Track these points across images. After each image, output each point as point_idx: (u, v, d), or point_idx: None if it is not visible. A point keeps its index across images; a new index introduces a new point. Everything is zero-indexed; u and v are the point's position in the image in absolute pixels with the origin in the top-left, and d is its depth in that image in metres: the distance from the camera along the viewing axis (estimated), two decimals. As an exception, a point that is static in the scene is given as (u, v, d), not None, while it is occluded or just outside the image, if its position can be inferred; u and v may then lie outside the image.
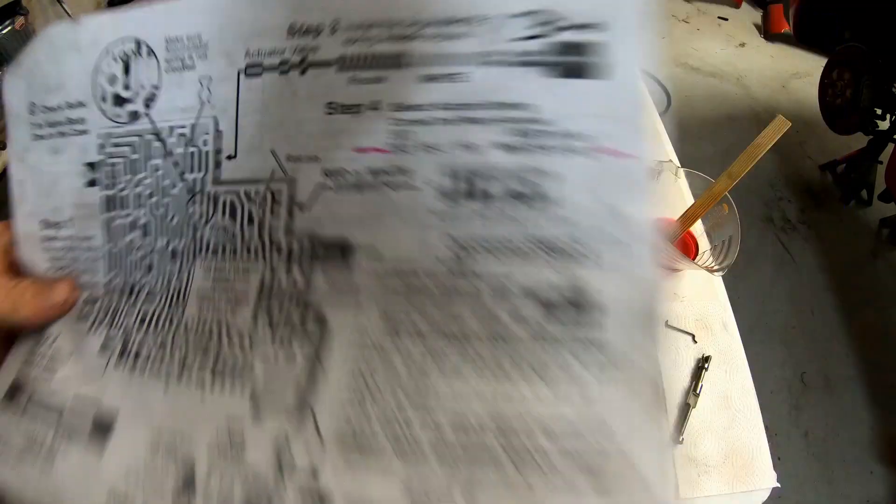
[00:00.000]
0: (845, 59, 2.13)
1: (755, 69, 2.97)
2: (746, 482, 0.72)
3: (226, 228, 0.24)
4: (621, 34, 0.20)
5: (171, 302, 0.25)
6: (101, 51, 0.26)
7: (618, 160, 0.19)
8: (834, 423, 1.57)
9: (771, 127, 0.86)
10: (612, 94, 0.19)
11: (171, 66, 0.25)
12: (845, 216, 2.18)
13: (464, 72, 0.20)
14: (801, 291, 1.90)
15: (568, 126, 0.19)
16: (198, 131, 0.25)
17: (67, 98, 0.27)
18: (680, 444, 0.74)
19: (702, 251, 0.97)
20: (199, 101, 0.25)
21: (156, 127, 0.26)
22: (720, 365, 0.82)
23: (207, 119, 0.25)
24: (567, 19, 0.20)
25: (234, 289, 0.24)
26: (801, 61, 3.02)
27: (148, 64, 0.26)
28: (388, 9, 0.21)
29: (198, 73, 0.25)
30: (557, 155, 0.19)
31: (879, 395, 1.62)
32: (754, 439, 0.75)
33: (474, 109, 0.20)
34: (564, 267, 0.19)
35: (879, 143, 2.08)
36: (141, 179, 0.26)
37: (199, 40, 0.25)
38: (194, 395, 0.23)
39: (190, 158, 0.25)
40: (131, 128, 0.26)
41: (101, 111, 0.27)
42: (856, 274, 1.97)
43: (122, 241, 0.27)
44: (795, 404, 1.61)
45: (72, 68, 0.27)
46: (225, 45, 0.24)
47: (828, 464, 1.48)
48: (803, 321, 1.81)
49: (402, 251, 0.21)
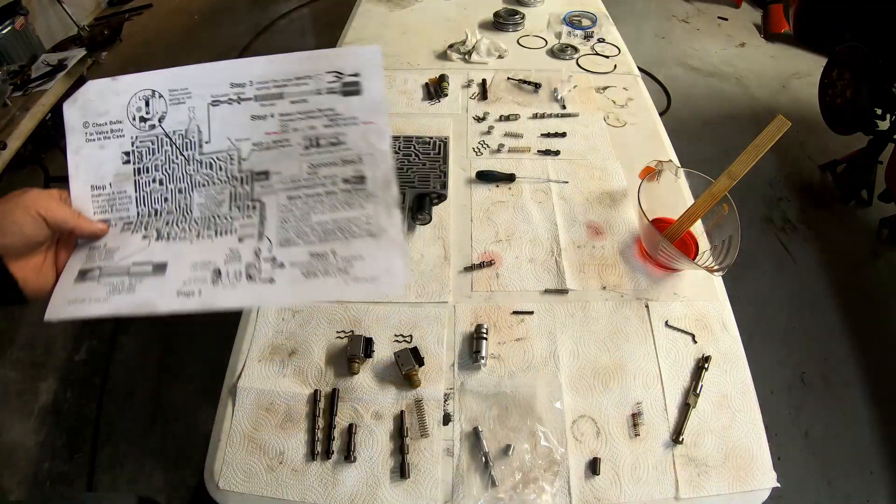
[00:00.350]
0: (845, 59, 2.13)
1: (755, 69, 2.97)
2: (746, 482, 0.72)
3: (208, 174, 0.53)
4: (368, 76, 0.52)
5: (183, 211, 0.52)
6: (132, 95, 0.53)
7: (370, 125, 0.52)
8: (834, 423, 1.57)
9: (771, 127, 0.87)
10: (366, 100, 0.52)
11: (172, 102, 0.54)
12: (845, 216, 2.19)
13: (307, 98, 0.53)
14: (801, 291, 1.91)
15: (350, 114, 0.52)
16: (189, 131, 0.54)
17: (110, 118, 0.54)
18: (680, 444, 0.74)
19: (702, 251, 0.97)
20: (189, 118, 0.54)
21: (165, 131, 0.53)
22: (720, 365, 0.82)
23: (194, 125, 0.53)
24: (346, 73, 0.52)
25: (216, 198, 0.52)
26: (801, 61, 3.02)
27: (159, 101, 0.54)
28: (274, 73, 0.52)
29: (187, 105, 0.53)
30: (347, 126, 0.52)
31: (879, 395, 1.62)
32: (754, 439, 0.75)
33: (313, 113, 0.53)
34: (354, 167, 0.52)
35: (879, 143, 2.08)
36: (157, 157, 0.53)
37: (186, 90, 0.53)
38: (207, 241, 0.51)
39: (186, 144, 0.53)
40: (150, 133, 0.54)
41: (132, 125, 0.54)
42: (856, 274, 1.97)
43: (146, 190, 0.53)
44: (795, 404, 1.61)
45: (114, 103, 0.54)
46: (200, 91, 0.53)
47: (828, 464, 1.48)
48: (803, 321, 1.82)
49: (289, 171, 0.52)
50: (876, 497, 1.44)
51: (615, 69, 1.41)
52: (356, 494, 0.69)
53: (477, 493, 0.69)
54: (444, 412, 0.76)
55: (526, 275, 0.92)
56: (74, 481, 1.48)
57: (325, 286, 0.48)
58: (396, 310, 0.87)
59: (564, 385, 0.78)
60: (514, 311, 0.87)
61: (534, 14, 1.64)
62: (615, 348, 0.82)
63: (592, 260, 0.94)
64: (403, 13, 1.68)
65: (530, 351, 0.82)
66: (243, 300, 0.48)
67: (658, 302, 0.88)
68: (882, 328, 1.81)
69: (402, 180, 0.97)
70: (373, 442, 0.73)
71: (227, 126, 0.52)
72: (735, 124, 2.58)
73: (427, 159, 1.01)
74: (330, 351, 0.82)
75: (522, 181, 1.08)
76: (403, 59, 1.45)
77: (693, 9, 3.51)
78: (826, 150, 2.39)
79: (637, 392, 0.78)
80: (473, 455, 0.72)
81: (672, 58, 3.03)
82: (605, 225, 1.00)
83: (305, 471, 0.71)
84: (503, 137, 1.19)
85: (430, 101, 1.30)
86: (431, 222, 0.98)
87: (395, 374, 0.79)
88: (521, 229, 0.99)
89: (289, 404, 0.77)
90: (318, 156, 0.51)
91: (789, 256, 2.02)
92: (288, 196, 0.51)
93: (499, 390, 0.77)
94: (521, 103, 1.27)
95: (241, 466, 0.71)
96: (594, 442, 0.73)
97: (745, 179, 0.86)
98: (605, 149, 1.16)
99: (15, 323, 1.83)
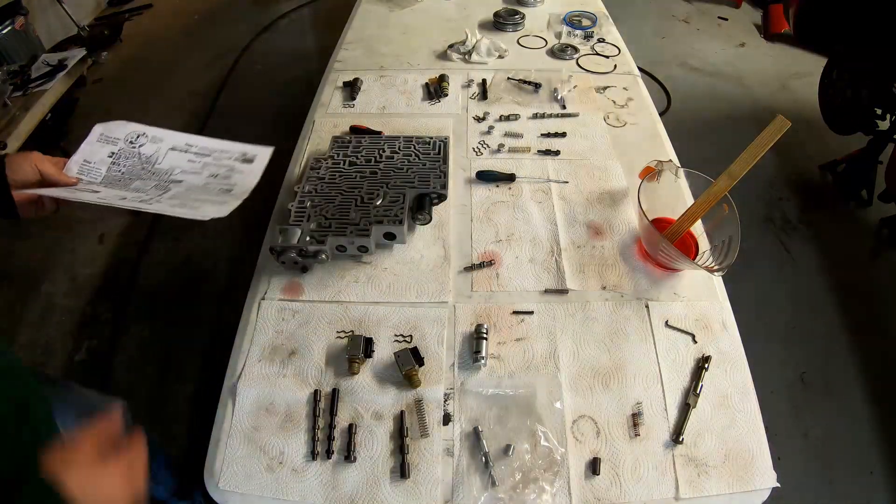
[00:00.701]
0: (845, 59, 2.13)
1: (755, 69, 2.97)
2: (746, 482, 0.72)
3: (149, 175, 0.86)
4: (258, 160, 0.90)
5: (126, 186, 0.83)
6: (132, 131, 0.90)
7: (247, 176, 0.88)
8: (834, 423, 1.57)
9: (771, 127, 0.87)
10: (252, 169, 0.89)
11: (151, 141, 0.90)
12: (845, 216, 2.18)
13: (222, 160, 0.90)
14: (801, 291, 1.90)
15: (239, 171, 0.89)
16: (152, 156, 0.88)
17: (116, 137, 0.89)
18: (680, 444, 0.74)
19: (702, 251, 0.97)
20: (155, 150, 0.89)
21: (140, 152, 0.88)
22: (720, 365, 0.82)
23: (156, 155, 0.89)
24: (247, 155, 0.90)
25: (147, 184, 0.84)
26: (801, 61, 3.02)
27: (144, 138, 0.90)
28: (211, 145, 0.92)
29: (158, 145, 0.90)
30: (235, 175, 0.89)
31: (879, 395, 1.62)
32: (754, 439, 0.75)
33: (222, 164, 0.90)
34: (228, 185, 0.87)
35: (879, 143, 2.08)
36: (128, 161, 0.87)
37: (161, 139, 0.91)
38: (136, 196, 0.82)
39: (147, 160, 0.88)
40: (132, 149, 0.88)
41: (124, 143, 0.89)
42: (856, 274, 1.97)
43: (112, 172, 0.85)
44: (795, 404, 1.61)
45: (121, 132, 0.89)
46: (168, 142, 0.91)
47: (828, 464, 1.48)
48: (803, 321, 1.81)
49: (193, 182, 0.86)
50: (876, 497, 1.43)
51: (615, 69, 1.41)
52: (356, 494, 0.69)
53: (477, 493, 0.69)
54: (444, 412, 0.76)
55: (526, 275, 0.92)
56: (74, 481, 1.48)
57: (181, 209, 0.77)
58: (396, 310, 0.87)
59: (564, 385, 0.78)
60: (514, 311, 0.87)
61: (534, 14, 1.64)
62: (615, 348, 0.82)
63: (592, 260, 0.94)
64: (403, 13, 1.68)
65: (530, 351, 0.82)
66: (149, 208, 0.77)
67: (658, 302, 0.88)
68: (882, 328, 1.80)
69: (402, 180, 0.97)
70: (373, 442, 0.73)
71: (172, 160, 0.88)
72: (735, 124, 2.57)
73: (427, 159, 1.01)
74: (330, 351, 0.82)
75: (522, 181, 1.08)
76: (403, 59, 1.45)
77: (693, 9, 3.51)
78: (826, 150, 2.39)
79: (637, 392, 0.78)
80: (473, 455, 0.72)
81: (672, 58, 3.03)
82: (605, 225, 1.00)
83: (305, 471, 0.71)
84: (503, 137, 1.19)
85: (430, 101, 1.30)
86: (431, 222, 0.98)
87: (395, 374, 0.79)
88: (521, 229, 0.99)
89: (289, 404, 0.77)
90: (212, 180, 0.86)
91: (789, 256, 2.02)
92: (186, 189, 0.84)
93: (499, 390, 0.77)
94: (521, 103, 1.27)
95: (241, 466, 0.71)
96: (594, 442, 0.73)
97: (745, 179, 0.86)
98: (605, 149, 1.16)
99: (15, 323, 1.83)
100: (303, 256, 0.89)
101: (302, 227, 0.90)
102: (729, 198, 0.88)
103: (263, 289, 0.91)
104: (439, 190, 0.96)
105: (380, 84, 1.36)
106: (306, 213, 0.92)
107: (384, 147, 1.05)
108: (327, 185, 0.97)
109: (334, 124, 1.23)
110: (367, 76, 1.38)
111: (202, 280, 1.96)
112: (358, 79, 1.35)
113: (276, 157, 0.93)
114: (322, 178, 0.99)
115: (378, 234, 0.92)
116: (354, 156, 1.03)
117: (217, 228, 2.12)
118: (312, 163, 1.02)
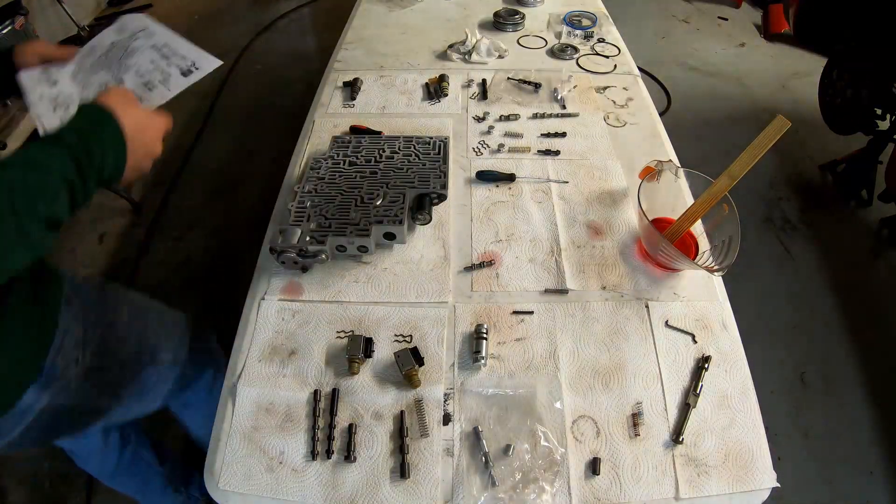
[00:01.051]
0: (845, 59, 2.13)
1: (755, 69, 2.97)
2: (746, 482, 0.72)
3: (124, 63, 0.86)
4: (202, 66, 0.83)
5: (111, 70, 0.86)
6: (129, 32, 0.90)
7: (187, 77, 0.83)
8: (834, 423, 1.57)
9: (771, 127, 0.87)
10: (193, 76, 0.83)
11: (140, 38, 0.89)
12: (845, 216, 2.18)
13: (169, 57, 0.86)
14: (801, 291, 1.90)
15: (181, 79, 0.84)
16: (130, 48, 0.87)
17: (116, 37, 0.90)
18: (680, 444, 0.74)
19: (702, 251, 0.97)
20: (139, 45, 0.87)
21: (128, 45, 0.88)
22: (720, 365, 0.82)
23: (140, 48, 0.87)
24: (188, 61, 0.84)
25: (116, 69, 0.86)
26: (801, 61, 3.02)
27: (138, 35, 0.89)
28: (168, 41, 0.89)
29: (141, 41, 0.88)
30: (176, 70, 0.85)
31: (879, 395, 1.62)
32: (754, 439, 0.75)
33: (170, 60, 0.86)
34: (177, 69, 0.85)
35: (879, 143, 2.08)
36: (111, 52, 0.87)
37: (154, 35, 0.89)
38: (104, 72, 0.87)
39: (127, 54, 0.86)
40: (124, 42, 0.88)
41: (122, 38, 0.89)
42: (856, 274, 1.97)
43: (102, 59, 0.87)
44: (795, 404, 1.61)
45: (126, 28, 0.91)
46: (156, 36, 0.89)
47: (828, 464, 1.48)
48: (803, 321, 1.81)
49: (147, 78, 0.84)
50: (876, 497, 1.43)
51: (615, 69, 1.41)
52: (356, 494, 0.69)
53: (477, 493, 0.69)
54: (444, 412, 0.76)
55: (526, 275, 0.92)
56: (74, 481, 1.48)
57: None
58: (396, 310, 0.87)
59: (564, 385, 0.78)
60: (514, 311, 0.87)
61: (534, 14, 1.64)
62: (615, 348, 0.82)
63: (592, 260, 0.94)
64: (403, 13, 1.68)
65: (530, 351, 0.82)
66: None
67: (658, 302, 0.88)
68: (882, 328, 1.80)
69: (402, 180, 0.97)
70: (373, 442, 0.73)
71: (140, 57, 0.86)
72: (735, 124, 2.57)
73: (427, 159, 1.01)
74: (330, 351, 0.82)
75: (522, 181, 1.08)
76: (403, 59, 1.45)
77: (693, 9, 3.51)
78: (826, 150, 2.39)
79: (637, 392, 0.78)
80: (473, 455, 0.72)
81: (672, 58, 3.03)
82: (605, 225, 1.00)
83: (305, 471, 0.71)
84: (503, 137, 1.19)
85: (430, 101, 1.30)
86: (431, 222, 0.98)
87: (395, 374, 0.79)
88: (521, 229, 0.99)
89: (289, 404, 0.77)
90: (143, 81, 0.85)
91: (789, 256, 2.02)
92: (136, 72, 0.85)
93: (499, 390, 0.77)
94: (521, 103, 1.27)
95: (241, 466, 0.71)
96: (594, 442, 0.73)
97: (745, 179, 0.86)
98: (605, 149, 1.16)
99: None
100: (303, 256, 0.89)
101: (302, 227, 0.90)
102: (729, 198, 0.88)
103: (263, 289, 0.91)
104: (439, 190, 0.96)
105: (380, 84, 1.36)
106: (306, 214, 0.92)
107: (384, 147, 1.05)
108: (327, 185, 0.97)
109: (334, 124, 1.23)
110: (367, 76, 1.38)
111: (202, 280, 1.96)
112: (358, 79, 1.35)
113: (276, 158, 0.93)
114: (322, 178, 0.99)
115: (378, 234, 0.92)
116: (354, 156, 1.03)
117: (217, 228, 2.12)
118: (312, 163, 1.02)
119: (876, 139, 2.08)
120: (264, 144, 2.42)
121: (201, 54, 0.85)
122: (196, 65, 0.84)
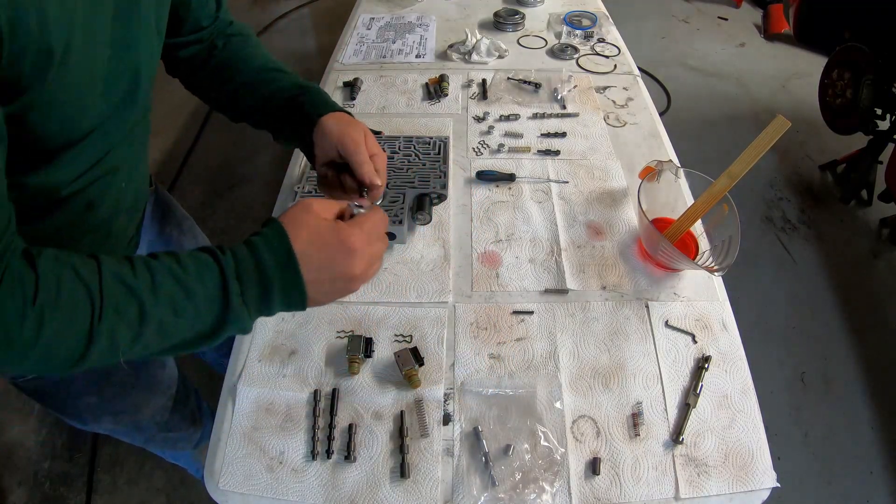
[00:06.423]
0: (845, 59, 2.13)
1: (755, 69, 2.97)
2: (746, 482, 0.71)
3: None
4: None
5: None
6: None
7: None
8: (834, 423, 1.57)
9: (771, 127, 0.86)
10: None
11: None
12: (845, 216, 2.19)
13: None
14: (801, 291, 1.91)
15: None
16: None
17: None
18: (680, 444, 0.74)
19: (702, 251, 0.97)
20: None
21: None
22: (720, 365, 0.82)
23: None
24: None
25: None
26: (801, 61, 3.02)
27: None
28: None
29: None
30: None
31: (879, 395, 1.62)
32: (754, 439, 0.75)
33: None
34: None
35: (879, 143, 2.08)
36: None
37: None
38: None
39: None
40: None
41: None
42: (856, 274, 1.97)
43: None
44: (795, 404, 1.61)
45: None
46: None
47: (828, 464, 1.48)
48: (803, 321, 1.82)
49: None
50: (876, 497, 1.43)
51: (615, 69, 1.41)
52: (356, 494, 0.69)
53: (477, 493, 0.69)
54: (444, 412, 0.76)
55: (526, 275, 0.92)
56: (74, 481, 1.48)
57: None
58: (396, 310, 0.87)
59: (564, 385, 0.78)
60: (514, 311, 0.87)
61: (534, 14, 1.64)
62: (615, 348, 0.82)
63: (592, 260, 0.94)
64: (403, 13, 1.68)
65: (530, 351, 0.82)
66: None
67: (658, 302, 0.88)
68: (882, 328, 1.81)
69: (402, 180, 0.97)
70: (373, 442, 0.73)
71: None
72: (735, 124, 2.57)
73: (427, 159, 1.01)
74: (330, 351, 0.82)
75: (522, 181, 1.08)
76: (403, 59, 1.45)
77: (693, 9, 3.51)
78: (826, 150, 2.39)
79: (637, 392, 0.78)
80: (473, 455, 0.72)
81: (672, 58, 3.03)
82: (605, 225, 1.00)
83: (305, 471, 0.71)
84: (503, 137, 1.19)
85: (430, 101, 1.30)
86: (431, 222, 0.98)
87: (395, 374, 0.79)
88: (521, 229, 0.99)
89: (289, 404, 0.77)
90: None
91: (789, 256, 2.02)
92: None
93: (499, 390, 0.77)
94: (521, 103, 1.27)
95: (241, 466, 0.71)
96: (594, 442, 0.73)
97: (745, 179, 0.86)
98: (605, 149, 1.16)
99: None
100: (303, 256, 0.89)
101: (302, 227, 0.89)
102: (729, 198, 0.88)
103: (263, 289, 0.90)
104: (439, 190, 0.96)
105: (380, 84, 1.36)
106: (306, 213, 0.92)
107: (384, 147, 1.04)
108: (327, 185, 0.97)
109: (334, 124, 1.23)
110: (366, 76, 1.38)
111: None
112: (358, 79, 1.35)
113: (276, 157, 0.92)
114: (322, 178, 0.99)
115: (378, 234, 0.92)
116: (354, 156, 1.03)
117: (217, 228, 2.12)
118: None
119: (876, 139, 2.09)
120: (264, 144, 2.43)
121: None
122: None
